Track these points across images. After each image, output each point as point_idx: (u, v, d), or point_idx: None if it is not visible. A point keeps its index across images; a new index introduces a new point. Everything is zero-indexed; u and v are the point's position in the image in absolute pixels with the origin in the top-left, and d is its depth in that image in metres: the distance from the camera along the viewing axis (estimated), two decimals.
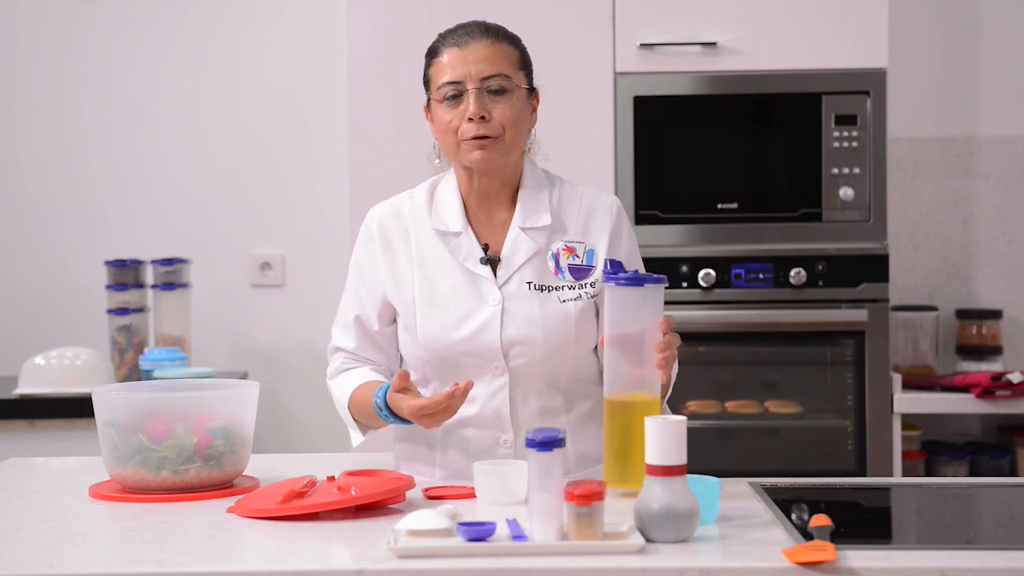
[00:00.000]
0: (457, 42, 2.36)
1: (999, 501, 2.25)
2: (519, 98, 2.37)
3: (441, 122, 2.37)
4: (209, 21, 4.24)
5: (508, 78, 2.35)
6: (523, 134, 2.40)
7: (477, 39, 2.36)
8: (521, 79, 2.38)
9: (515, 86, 2.36)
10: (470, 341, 2.34)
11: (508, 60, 2.37)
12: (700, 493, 1.95)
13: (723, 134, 3.74)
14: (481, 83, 2.33)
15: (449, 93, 2.35)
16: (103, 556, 1.89)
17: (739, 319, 3.67)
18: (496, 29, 2.39)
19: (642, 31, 3.66)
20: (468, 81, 2.33)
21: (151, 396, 2.31)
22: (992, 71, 4.15)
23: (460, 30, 2.39)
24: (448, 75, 2.35)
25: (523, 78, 2.39)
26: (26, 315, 4.24)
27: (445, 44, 2.38)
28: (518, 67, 2.38)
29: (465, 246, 2.40)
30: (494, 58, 2.35)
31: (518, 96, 2.36)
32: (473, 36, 2.36)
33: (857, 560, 1.78)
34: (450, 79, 2.34)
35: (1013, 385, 3.66)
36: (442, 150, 2.43)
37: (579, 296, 2.38)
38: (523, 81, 2.39)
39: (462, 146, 2.35)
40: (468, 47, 2.35)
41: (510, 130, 2.35)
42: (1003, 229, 4.14)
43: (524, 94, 2.38)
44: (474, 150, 2.34)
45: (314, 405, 4.19)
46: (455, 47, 2.36)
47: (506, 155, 2.37)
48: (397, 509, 2.10)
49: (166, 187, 4.25)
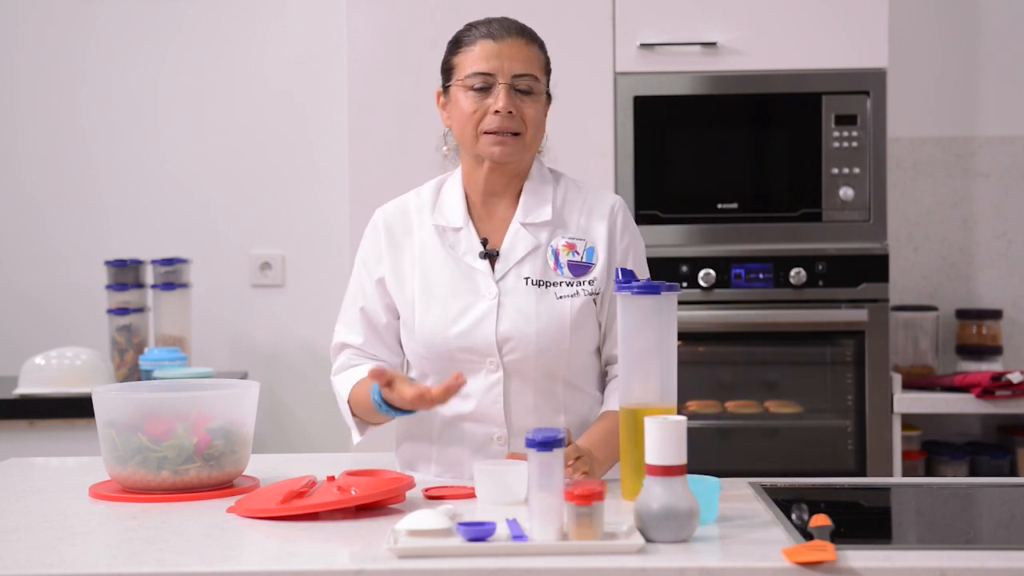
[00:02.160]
0: (492, 35, 2.36)
1: (999, 501, 2.25)
2: (541, 101, 2.40)
3: (462, 110, 2.36)
4: (209, 21, 4.24)
5: (536, 80, 2.37)
6: (540, 136, 2.42)
7: (513, 36, 2.37)
8: (544, 83, 2.41)
9: (541, 89, 2.38)
10: (466, 336, 2.35)
11: (538, 63, 2.39)
12: (700, 493, 1.95)
13: (723, 134, 3.74)
14: (513, 79, 2.34)
15: (478, 84, 2.35)
16: (103, 556, 1.89)
17: (739, 319, 3.67)
18: (530, 31, 2.41)
19: (642, 31, 3.66)
20: (500, 75, 2.34)
21: (151, 396, 2.31)
22: (992, 71, 4.15)
23: (495, 23, 2.39)
24: (480, 65, 2.35)
25: (546, 83, 2.42)
26: (26, 315, 4.24)
27: (478, 34, 2.37)
28: (543, 71, 2.41)
29: (465, 241, 2.40)
30: (528, 58, 2.36)
31: (541, 99, 2.39)
32: (510, 33, 2.37)
33: (857, 560, 1.78)
34: (482, 70, 2.34)
35: (1013, 385, 3.66)
36: (457, 138, 2.42)
37: (577, 293, 2.38)
38: (545, 86, 2.42)
39: (482, 138, 2.36)
40: (504, 42, 2.35)
41: (532, 129, 2.37)
42: (1003, 229, 4.14)
43: (544, 98, 2.41)
44: (495, 144, 2.35)
45: (314, 405, 4.19)
46: (490, 39, 2.36)
47: (524, 153, 2.38)
48: (397, 509, 2.10)
49: (166, 187, 4.25)
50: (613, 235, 2.42)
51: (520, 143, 2.36)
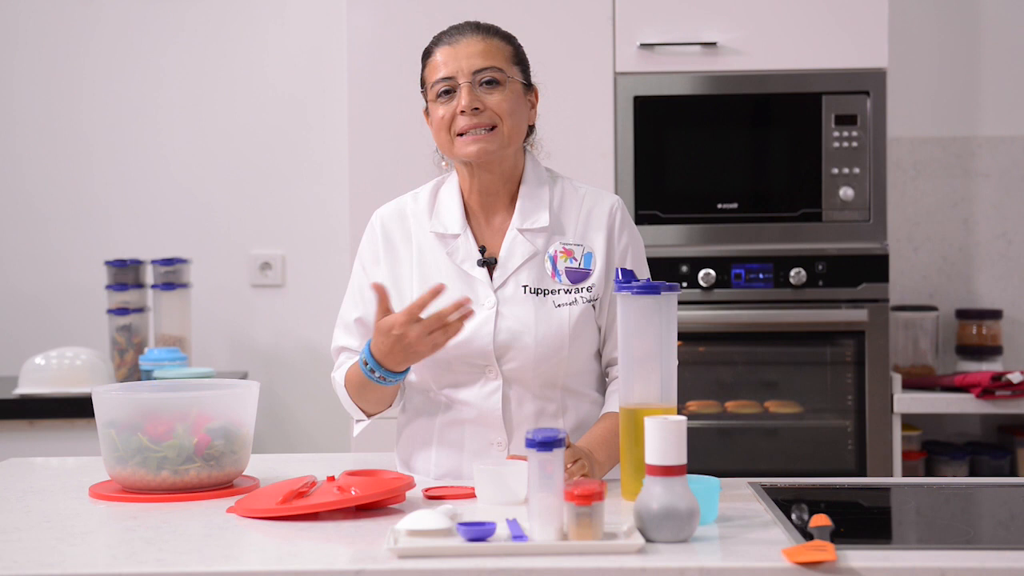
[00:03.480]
0: (449, 40, 2.38)
1: (999, 501, 2.25)
2: (513, 90, 2.37)
3: (436, 119, 2.37)
4: (209, 21, 4.24)
5: (500, 71, 2.35)
6: (520, 126, 2.39)
7: (468, 36, 2.37)
8: (515, 73, 2.38)
9: (508, 78, 2.36)
10: (464, 344, 2.33)
11: (501, 55, 2.37)
12: (700, 493, 1.95)
13: (723, 134, 3.74)
14: (473, 76, 2.34)
15: (442, 89, 2.35)
16: (103, 556, 1.89)
17: (739, 319, 3.67)
18: (488, 26, 2.41)
19: (642, 31, 3.66)
20: (460, 76, 2.34)
21: (151, 396, 2.31)
22: (992, 71, 4.15)
23: (452, 30, 2.40)
24: (440, 72, 2.36)
25: (517, 72, 2.39)
26: (26, 315, 4.24)
27: (438, 44, 2.39)
28: (512, 62, 2.39)
29: (463, 248, 2.40)
30: (486, 52, 2.36)
31: (512, 88, 2.36)
32: (464, 33, 2.38)
33: (857, 560, 1.78)
34: (442, 75, 2.35)
35: (1013, 385, 3.66)
36: (439, 148, 2.43)
37: (575, 300, 2.37)
38: (517, 75, 2.39)
39: (457, 141, 2.35)
40: (459, 44, 2.36)
41: (507, 120, 2.35)
42: (1003, 229, 4.14)
43: (519, 87, 2.38)
44: (469, 144, 2.34)
45: (314, 405, 4.19)
46: (447, 45, 2.37)
47: (503, 147, 2.36)
48: (397, 509, 2.10)
49: (166, 187, 4.25)
50: (612, 237, 2.41)
51: (497, 136, 2.35)
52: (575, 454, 2.22)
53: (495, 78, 2.35)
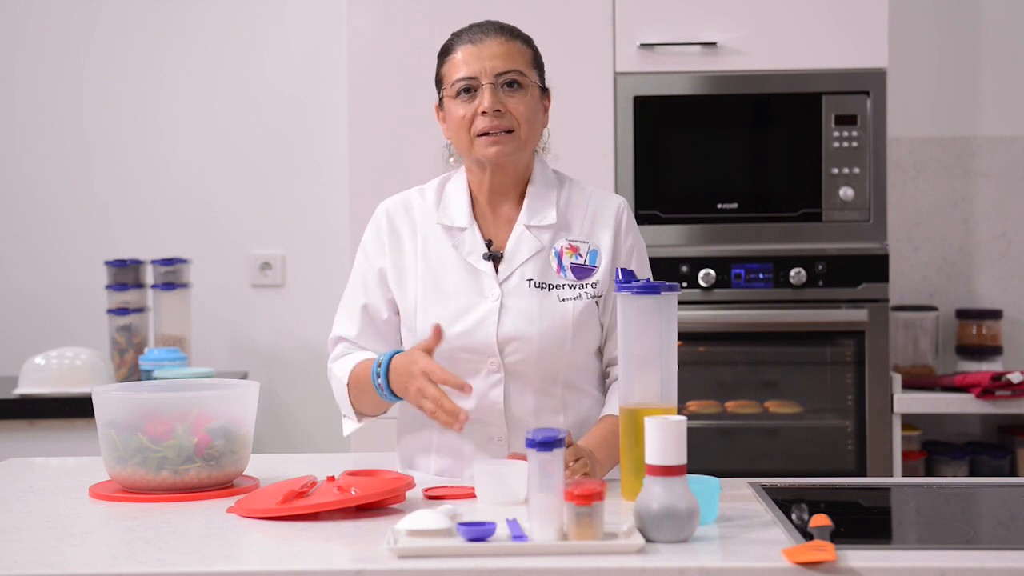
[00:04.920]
0: (472, 39, 2.37)
1: (999, 501, 2.25)
2: (532, 95, 2.38)
3: (454, 117, 2.37)
4: (209, 21, 4.24)
5: (522, 74, 2.37)
6: (537, 131, 2.41)
7: (492, 36, 2.37)
8: (534, 77, 2.40)
9: (529, 82, 2.37)
10: (467, 336, 2.35)
11: (522, 58, 2.38)
12: (700, 493, 1.95)
13: (723, 134, 3.74)
14: (496, 78, 2.35)
15: (462, 87, 2.35)
16: (103, 556, 1.89)
17: (739, 319, 3.67)
18: (511, 28, 2.42)
19: (642, 31, 3.66)
20: (483, 76, 2.34)
21: (151, 396, 2.31)
22: (992, 71, 4.15)
23: (475, 28, 2.40)
24: (462, 71, 2.36)
25: (536, 76, 2.41)
26: (26, 315, 4.24)
27: (459, 42, 2.39)
28: (531, 65, 2.40)
29: (469, 241, 2.41)
30: (509, 55, 2.36)
31: (532, 93, 2.38)
32: (488, 34, 2.38)
33: (857, 560, 1.78)
34: (464, 75, 2.35)
35: (1013, 385, 3.66)
36: (455, 147, 2.43)
37: (579, 295, 2.38)
38: (536, 79, 2.40)
39: (476, 141, 2.36)
40: (483, 44, 2.36)
41: (524, 125, 2.36)
42: (1003, 229, 4.14)
43: (537, 92, 2.40)
44: (488, 146, 2.35)
45: (314, 405, 4.19)
46: (470, 44, 2.37)
47: (520, 150, 2.38)
48: (397, 509, 2.10)
49: (166, 187, 4.25)
50: (618, 236, 2.42)
51: (515, 140, 2.36)
52: (577, 452, 2.22)
53: (517, 80, 2.36)
